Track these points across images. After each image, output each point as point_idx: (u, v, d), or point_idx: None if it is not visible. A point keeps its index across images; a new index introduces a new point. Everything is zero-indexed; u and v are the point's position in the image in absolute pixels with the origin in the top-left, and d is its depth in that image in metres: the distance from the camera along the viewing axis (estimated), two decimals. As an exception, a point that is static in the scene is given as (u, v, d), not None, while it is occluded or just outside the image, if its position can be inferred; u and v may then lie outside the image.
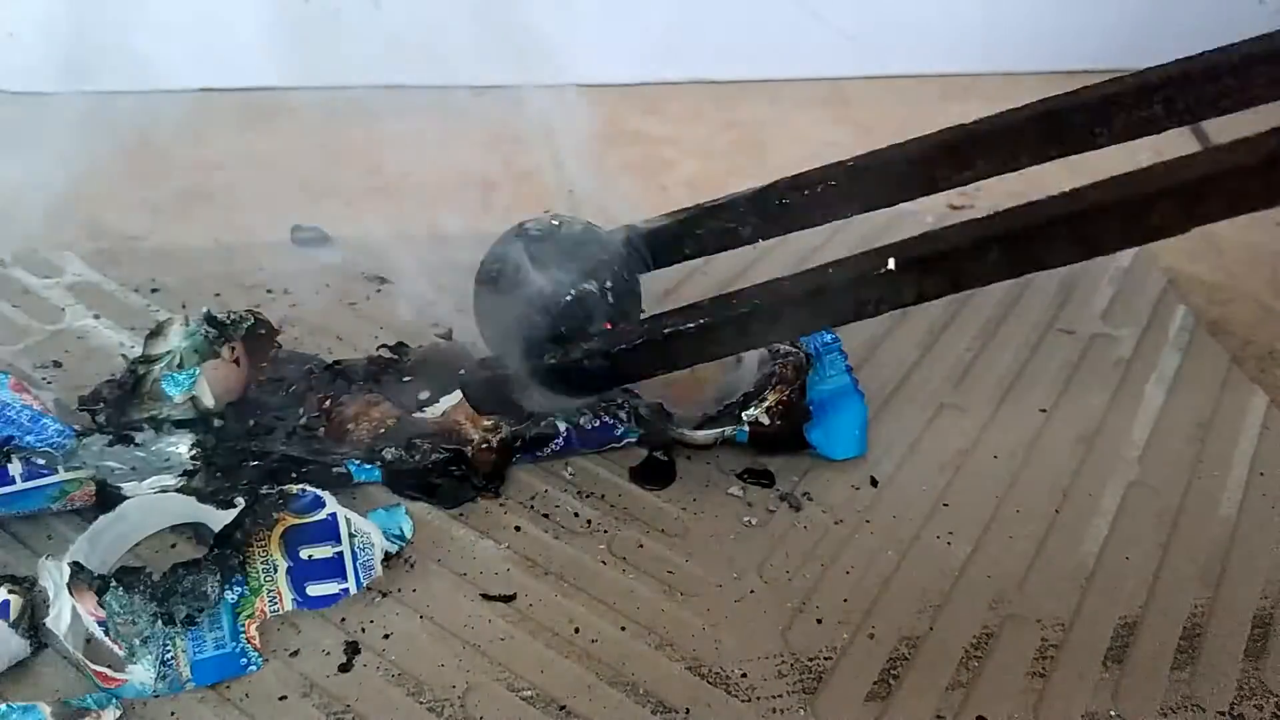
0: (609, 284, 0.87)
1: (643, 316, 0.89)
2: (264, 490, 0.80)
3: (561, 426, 0.89)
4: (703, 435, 0.91)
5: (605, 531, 0.85)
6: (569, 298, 0.85)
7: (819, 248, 1.13)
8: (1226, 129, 0.77)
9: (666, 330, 0.83)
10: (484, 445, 0.87)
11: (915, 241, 0.80)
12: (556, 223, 0.89)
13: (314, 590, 0.76)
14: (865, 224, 1.00)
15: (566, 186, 1.05)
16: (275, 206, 1.21)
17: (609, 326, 0.86)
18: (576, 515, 0.86)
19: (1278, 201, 0.75)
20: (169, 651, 0.71)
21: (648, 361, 0.85)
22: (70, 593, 0.70)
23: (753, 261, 1.14)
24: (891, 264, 0.78)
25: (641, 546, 0.84)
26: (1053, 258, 0.78)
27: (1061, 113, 0.85)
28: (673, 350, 0.84)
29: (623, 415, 0.90)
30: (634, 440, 0.91)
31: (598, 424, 0.90)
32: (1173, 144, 0.84)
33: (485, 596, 0.79)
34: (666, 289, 1.08)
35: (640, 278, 0.92)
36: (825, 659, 0.76)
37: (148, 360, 0.88)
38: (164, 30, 1.41)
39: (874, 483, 0.90)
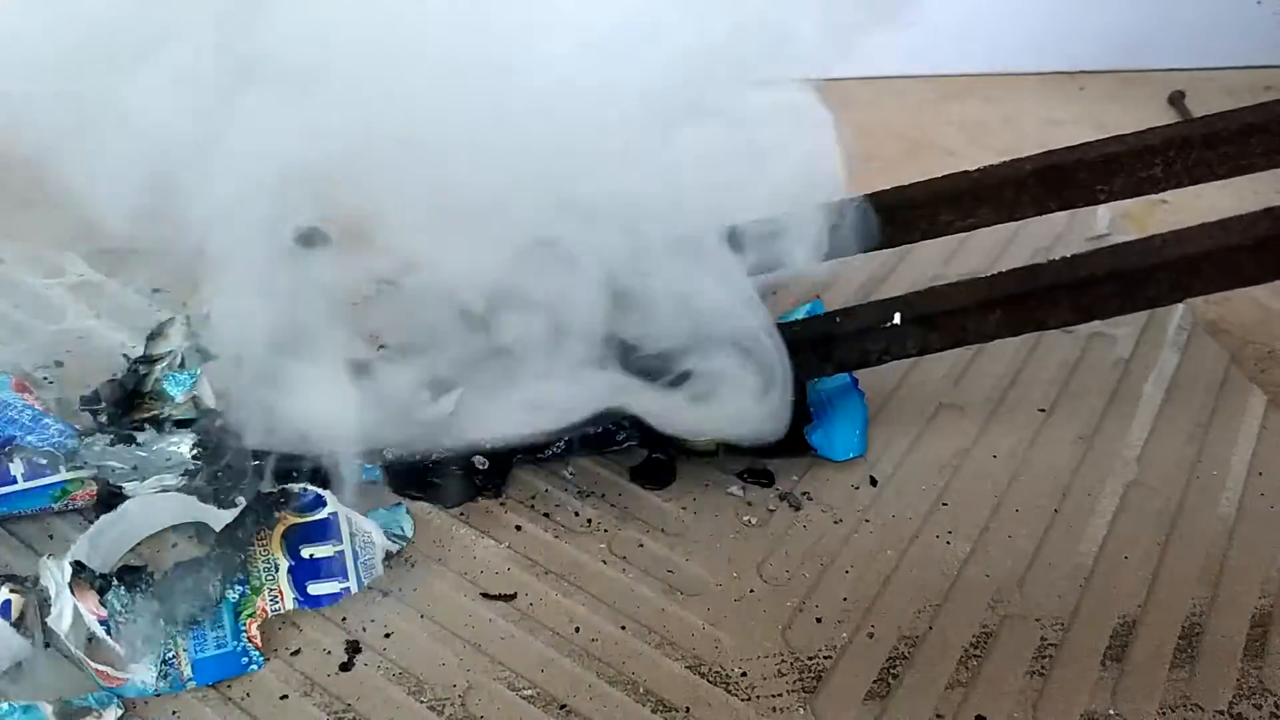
0: None
1: None
2: (265, 489, 0.80)
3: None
4: (705, 441, 0.91)
5: (605, 531, 0.85)
6: None
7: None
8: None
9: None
10: None
11: (922, 298, 0.82)
12: None
13: (315, 589, 0.76)
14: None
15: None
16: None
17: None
18: (577, 515, 0.86)
19: (1269, 279, 0.77)
20: (170, 650, 0.72)
21: None
22: (72, 592, 0.71)
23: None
24: (897, 318, 0.80)
25: (641, 546, 0.84)
26: (1053, 320, 0.81)
27: (1064, 168, 0.86)
28: None
29: (625, 423, 0.90)
30: (634, 444, 0.92)
31: (599, 431, 0.90)
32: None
33: (486, 596, 0.79)
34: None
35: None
36: (825, 658, 0.76)
37: (149, 360, 0.88)
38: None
39: (873, 482, 0.90)
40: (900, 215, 0.90)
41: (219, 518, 0.79)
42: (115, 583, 0.71)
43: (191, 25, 0.73)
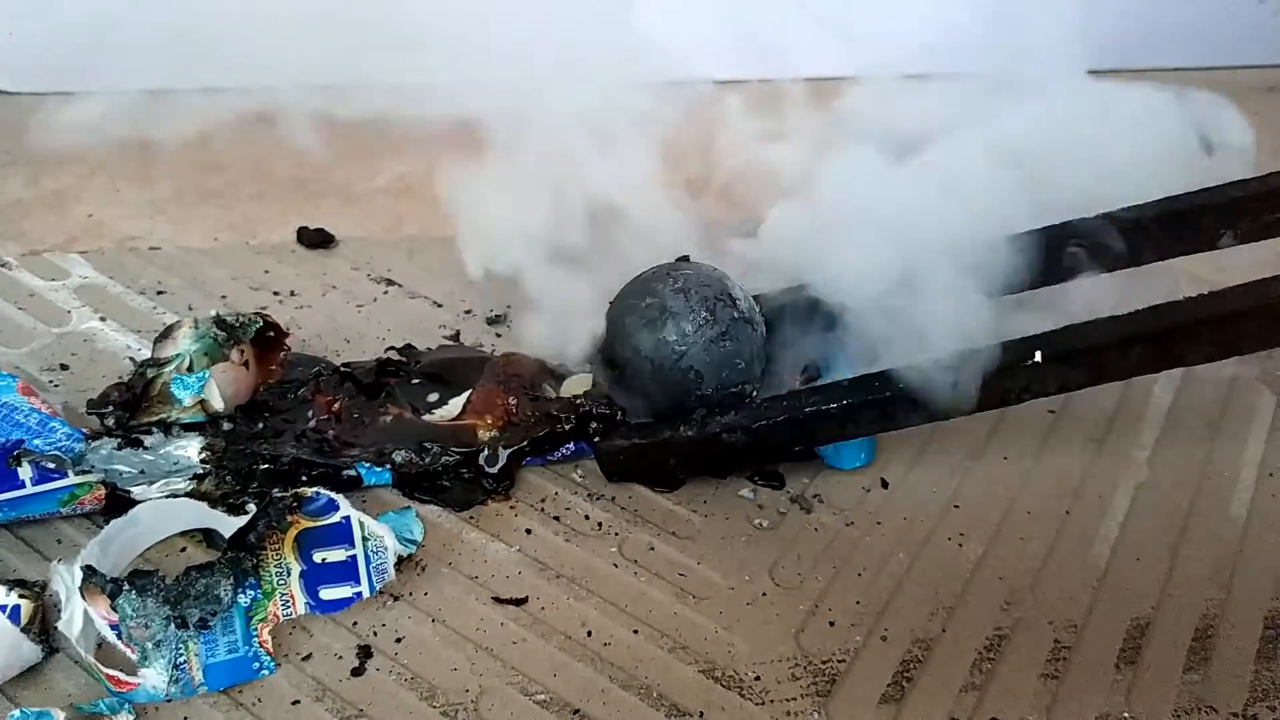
0: (758, 367, 0.88)
1: (779, 393, 0.89)
2: (277, 493, 0.80)
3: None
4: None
5: (616, 534, 0.85)
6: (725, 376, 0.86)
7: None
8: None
9: (808, 409, 0.84)
10: None
11: (1062, 335, 0.82)
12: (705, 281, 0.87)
13: (327, 594, 0.76)
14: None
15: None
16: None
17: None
18: (587, 518, 0.86)
19: None
20: (181, 655, 0.71)
21: (787, 438, 0.86)
22: (83, 596, 0.70)
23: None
24: (1039, 356, 0.80)
25: (653, 549, 0.83)
26: (1193, 356, 0.81)
27: (1187, 213, 0.86)
28: (813, 428, 0.85)
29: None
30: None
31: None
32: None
33: (497, 600, 0.79)
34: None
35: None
36: (838, 661, 0.76)
37: (157, 363, 0.88)
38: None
39: (884, 484, 0.90)
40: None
41: (229, 522, 0.79)
42: (126, 587, 0.71)
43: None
